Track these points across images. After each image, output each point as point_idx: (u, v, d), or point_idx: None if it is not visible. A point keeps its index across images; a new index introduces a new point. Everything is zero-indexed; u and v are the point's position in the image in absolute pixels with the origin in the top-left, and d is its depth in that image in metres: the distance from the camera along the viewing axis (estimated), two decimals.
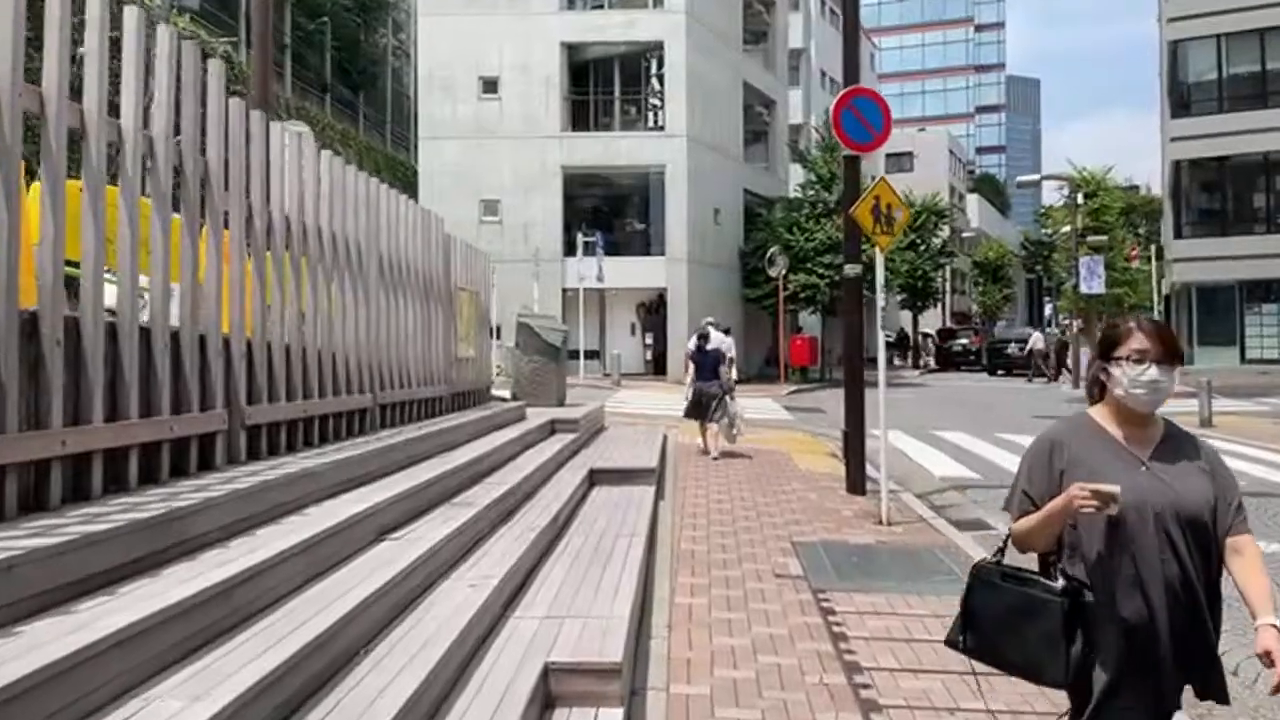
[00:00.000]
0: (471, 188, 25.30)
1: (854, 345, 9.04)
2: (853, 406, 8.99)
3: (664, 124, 25.47)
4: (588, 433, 10.72)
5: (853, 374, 8.96)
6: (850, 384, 8.99)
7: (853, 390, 8.97)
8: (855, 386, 8.97)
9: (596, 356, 25.54)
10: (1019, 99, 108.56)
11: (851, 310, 9.05)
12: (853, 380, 8.96)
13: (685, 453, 11.41)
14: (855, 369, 8.97)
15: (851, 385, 8.98)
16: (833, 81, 40.30)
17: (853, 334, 9.03)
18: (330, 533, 3.75)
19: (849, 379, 8.98)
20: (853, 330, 9.03)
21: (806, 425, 15.57)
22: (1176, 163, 28.12)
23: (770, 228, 27.84)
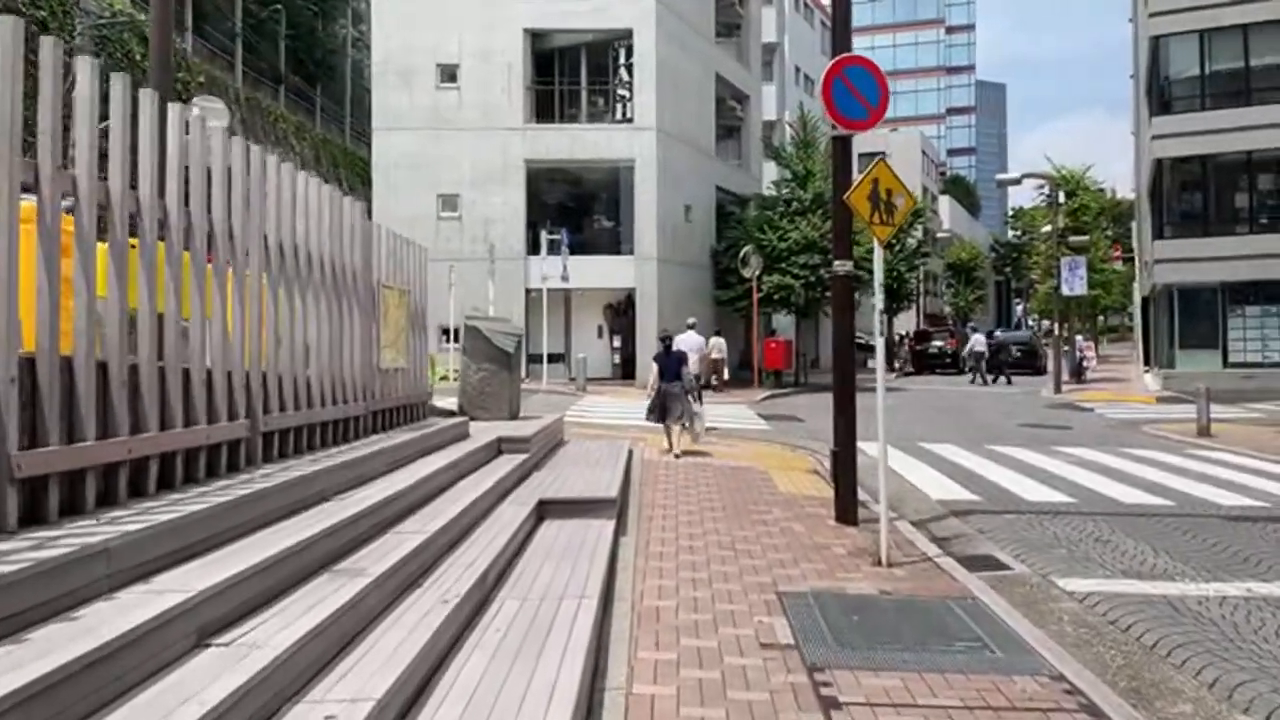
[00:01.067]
0: (429, 181, 23.95)
1: (845, 351, 7.88)
2: (843, 422, 7.83)
3: (633, 116, 24.29)
4: (542, 451, 9.48)
5: (844, 384, 7.80)
6: (841, 396, 7.83)
7: (843, 403, 7.81)
8: (846, 399, 7.81)
9: (561, 360, 24.29)
10: (986, 103, 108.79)
11: (842, 311, 7.89)
12: (843, 392, 7.80)
13: (652, 470, 10.21)
14: (846, 378, 7.81)
15: (842, 397, 7.82)
16: (807, 78, 39.40)
17: (844, 338, 7.88)
18: (114, 646, 2.49)
19: (839, 390, 7.82)
20: (844, 334, 7.87)
21: (784, 437, 14.44)
22: (1158, 161, 27.39)
23: (743, 226, 26.76)
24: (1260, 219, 26.48)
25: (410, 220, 23.68)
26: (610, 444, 11.37)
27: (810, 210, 25.52)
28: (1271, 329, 25.84)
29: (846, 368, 7.87)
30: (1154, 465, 11.57)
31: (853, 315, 7.99)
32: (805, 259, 24.69)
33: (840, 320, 7.91)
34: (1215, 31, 26.13)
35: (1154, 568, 6.74)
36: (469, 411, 10.43)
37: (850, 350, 7.95)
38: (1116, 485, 10.04)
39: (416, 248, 8.19)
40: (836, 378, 7.90)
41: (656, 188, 23.85)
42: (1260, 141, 25.36)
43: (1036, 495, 9.50)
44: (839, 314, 7.93)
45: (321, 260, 5.87)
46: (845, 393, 7.82)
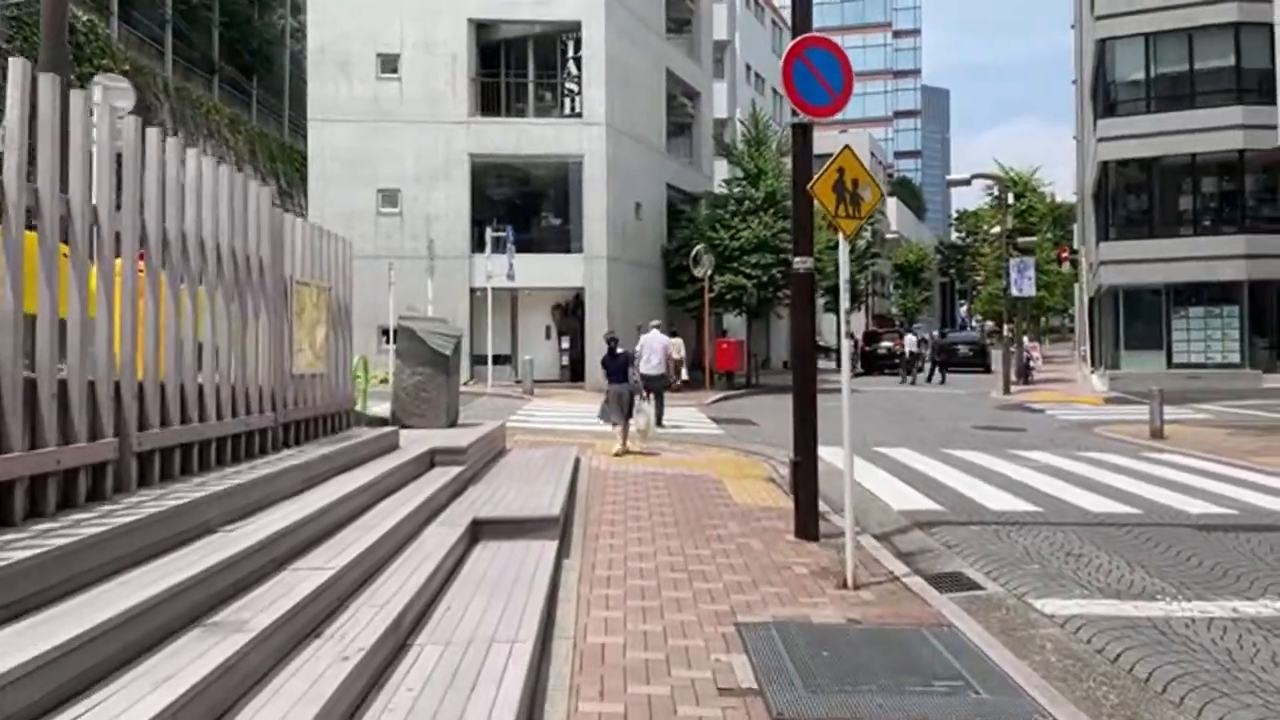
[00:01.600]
0: (368, 175, 23.00)
1: (805, 353, 7.36)
2: (804, 430, 7.31)
3: (582, 111, 23.62)
4: (481, 462, 8.80)
5: (804, 388, 7.28)
6: (801, 401, 7.30)
7: (804, 409, 7.29)
8: (806, 404, 7.29)
9: (507, 362, 23.54)
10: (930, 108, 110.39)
11: (802, 310, 7.37)
12: (804, 396, 7.28)
13: (601, 481, 9.59)
14: (807, 382, 7.29)
15: (802, 403, 7.30)
16: (758, 77, 39.14)
17: (804, 339, 7.36)
18: None
19: (800, 395, 7.30)
20: (804, 334, 7.36)
21: (738, 441, 13.93)
22: (1104, 164, 27.65)
23: (695, 225, 26.28)
24: (1203, 221, 26.86)
25: (348, 216, 22.77)
26: (556, 452, 10.73)
27: (762, 209, 25.15)
28: (1214, 330, 26.21)
29: (807, 370, 7.35)
30: (1114, 470, 11.31)
31: (814, 315, 7.49)
32: (757, 258, 24.29)
33: (800, 320, 7.39)
34: (1160, 35, 26.43)
35: (1132, 585, 6.33)
36: (402, 419, 9.70)
37: (811, 352, 7.45)
38: (1080, 492, 9.71)
39: (338, 240, 7.45)
40: (797, 381, 7.38)
41: (606, 184, 23.24)
42: (1204, 144, 25.71)
43: (1000, 504, 9.11)
44: (799, 314, 7.41)
45: (218, 251, 5.13)
46: (806, 397, 7.30)
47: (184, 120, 27.63)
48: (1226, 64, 25.74)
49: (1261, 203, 26.60)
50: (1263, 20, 25.00)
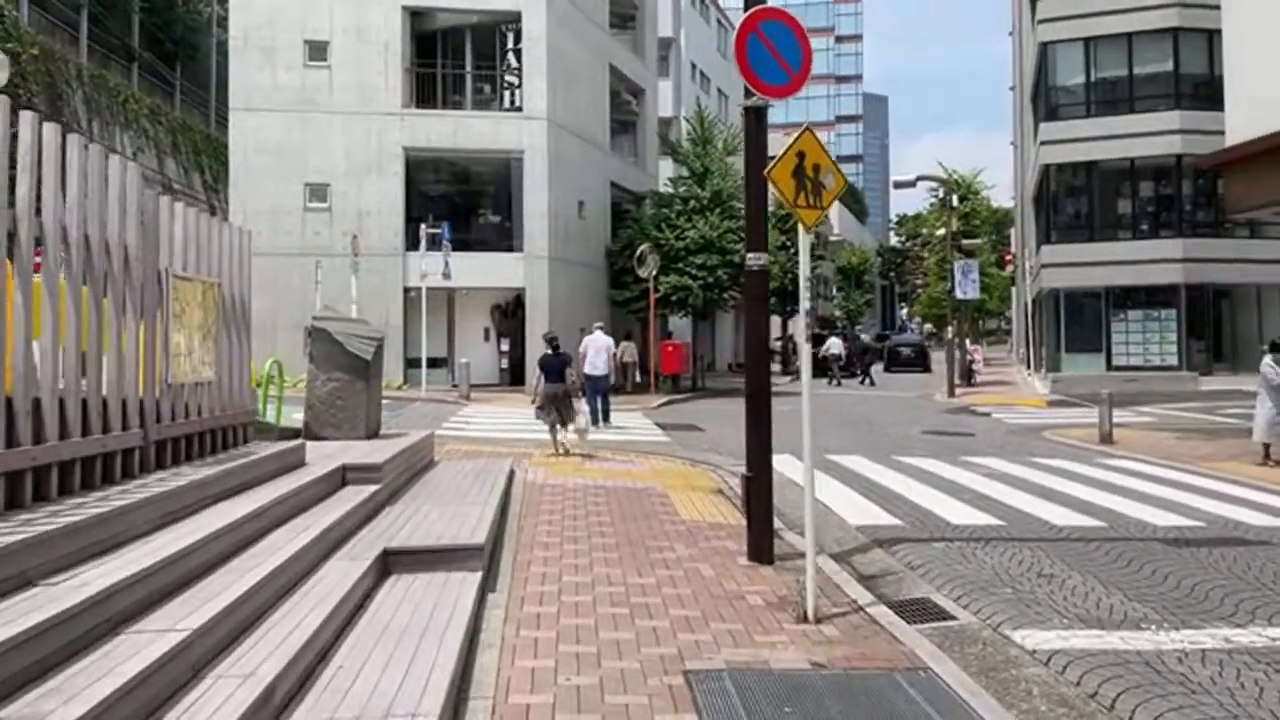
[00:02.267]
0: (295, 169, 21.82)
1: (759, 356, 6.72)
2: (757, 441, 6.67)
3: (522, 105, 22.77)
4: (401, 479, 7.97)
5: (757, 395, 6.63)
6: (754, 409, 6.66)
7: (757, 417, 6.64)
8: (760, 412, 6.65)
9: (443, 365, 22.56)
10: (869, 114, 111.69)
11: (757, 311, 6.73)
12: (757, 403, 6.63)
13: (536, 496, 8.83)
14: (761, 388, 6.64)
15: (755, 410, 6.65)
16: (703, 75, 38.68)
17: (757, 341, 6.71)
18: None
19: (753, 402, 6.65)
20: (758, 337, 6.71)
21: (685, 450, 13.28)
22: (1046, 167, 27.78)
23: (639, 225, 25.62)
24: (1141, 225, 27.14)
25: (274, 212, 21.60)
26: (489, 464, 9.93)
27: (708, 209, 24.61)
28: (1153, 333, 26.48)
29: (761, 376, 6.71)
30: (1070, 477, 10.94)
31: (768, 316, 6.86)
32: (703, 259, 23.74)
33: (754, 321, 6.74)
34: (1100, 40, 26.63)
35: (1113, 611, 5.81)
36: (316, 431, 8.82)
37: (766, 356, 6.81)
38: (1040, 503, 9.27)
39: (232, 230, 6.57)
40: (750, 387, 6.73)
41: (548, 181, 22.43)
42: (1142, 149, 25.96)
43: (961, 517, 8.60)
44: (753, 314, 6.76)
45: (65, 236, 4.26)
46: (759, 405, 6.65)
47: (99, 109, 26.02)
48: (1165, 69, 26.03)
49: (1198, 207, 26.98)
50: (1201, 26, 25.33)
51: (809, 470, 5.80)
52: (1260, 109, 13.89)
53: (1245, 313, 27.05)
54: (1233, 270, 25.98)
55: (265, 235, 21.72)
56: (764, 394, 6.66)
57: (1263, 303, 26.82)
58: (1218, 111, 26.36)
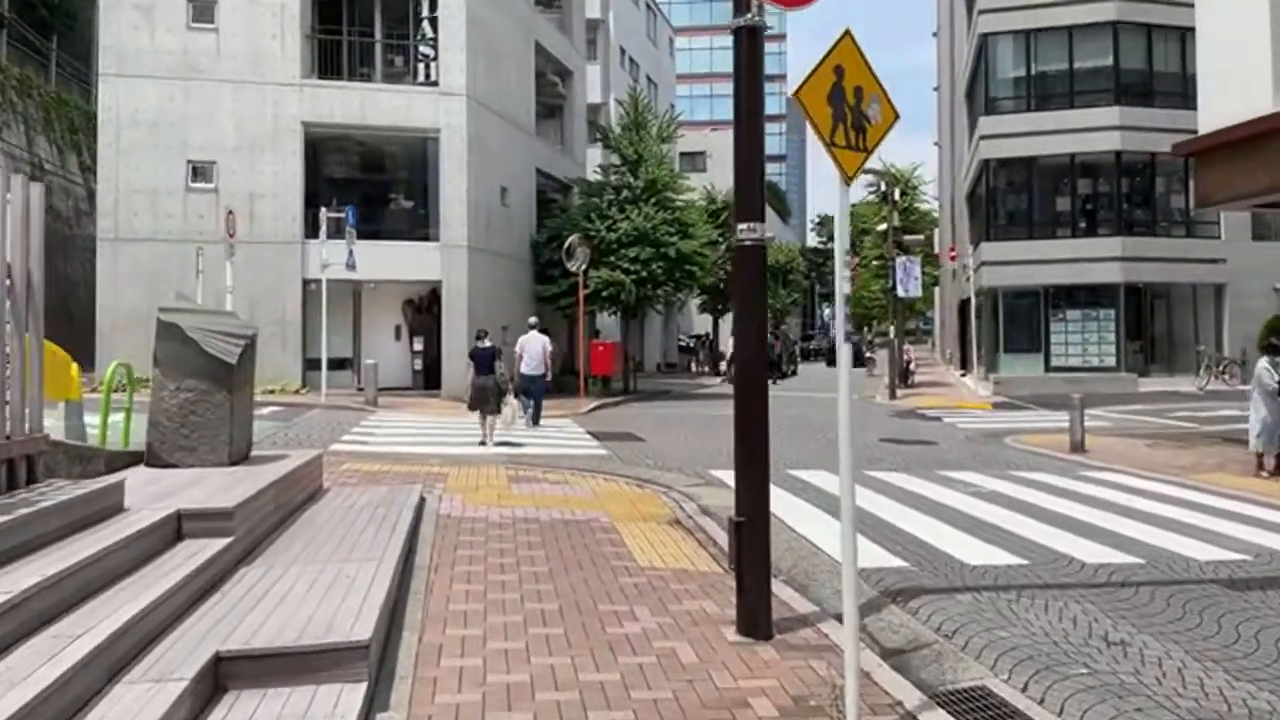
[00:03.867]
0: (176, 144, 19.27)
1: (756, 362, 5.04)
2: (749, 473, 4.98)
3: (439, 79, 20.66)
4: (267, 524, 6.02)
5: (750, 413, 4.95)
6: (747, 435, 4.97)
7: (751, 445, 4.96)
8: (754, 438, 4.96)
9: (347, 367, 20.30)
10: (789, 116, 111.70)
11: (750, 298, 5.04)
12: (750, 419, 4.95)
13: (453, 536, 6.96)
14: (755, 406, 4.96)
15: (748, 434, 4.97)
16: (633, 62, 37.03)
17: (754, 342, 5.03)
18: None
19: (745, 423, 4.96)
20: (754, 335, 5.03)
21: (626, 465, 11.54)
22: (985, 162, 27.06)
23: (567, 215, 23.79)
24: (1081, 223, 26.64)
25: (151, 193, 19.06)
26: (392, 491, 8.00)
27: (641, 199, 22.93)
28: (1091, 333, 25.99)
29: (756, 386, 5.02)
30: (1065, 496, 9.64)
31: (764, 305, 5.17)
32: (636, 252, 22.06)
33: (747, 313, 5.05)
34: (1041, 32, 26.00)
35: (1230, 703, 4.33)
36: (163, 455, 6.76)
37: (763, 360, 5.12)
38: (1055, 532, 7.86)
39: (7, 180, 4.52)
40: (741, 402, 5.03)
41: (467, 164, 20.39)
42: (1082, 144, 25.39)
43: (974, 554, 7.10)
44: (746, 305, 5.06)
45: None
46: (753, 426, 4.96)
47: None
48: (1105, 64, 25.51)
49: (1137, 205, 26.63)
50: (1140, 20, 24.91)
51: (849, 518, 4.11)
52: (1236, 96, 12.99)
53: (1181, 313, 26.83)
54: (1170, 270, 25.68)
55: (142, 219, 19.17)
56: (758, 411, 4.98)
57: (1198, 303, 26.64)
58: (1156, 108, 26.17)
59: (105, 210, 19.30)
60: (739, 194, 5.03)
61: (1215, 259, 25.91)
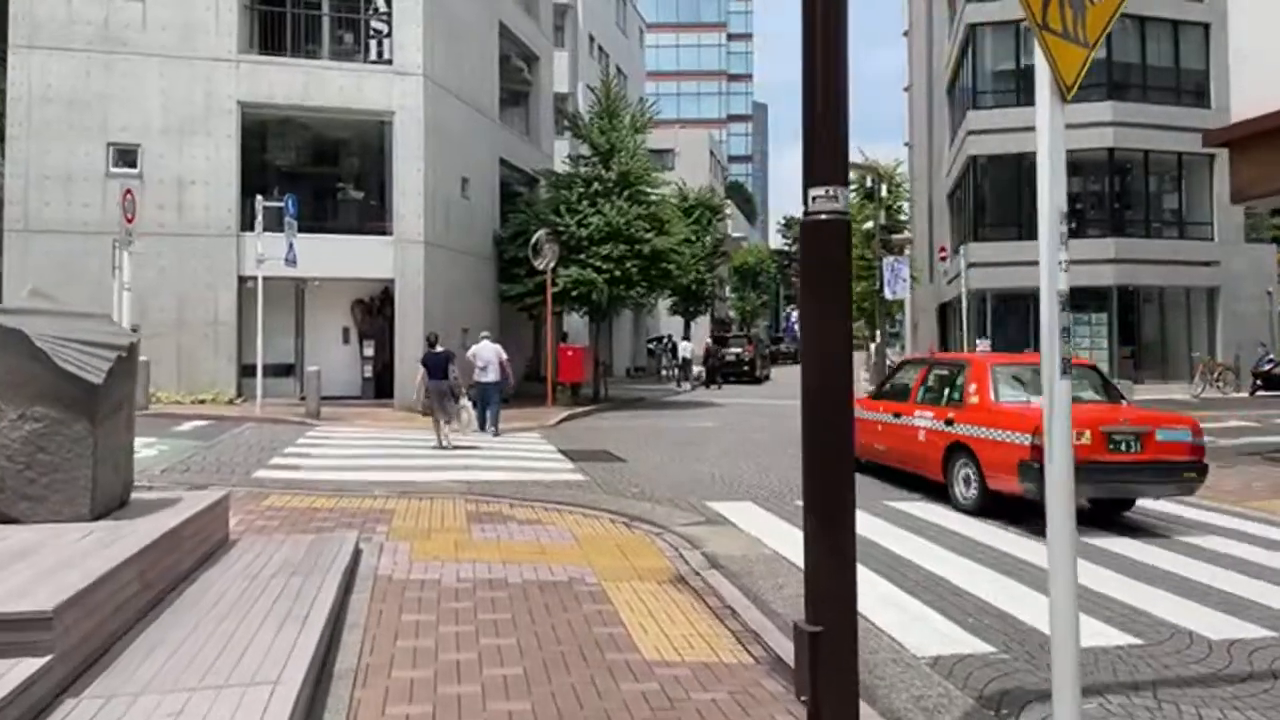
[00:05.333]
0: (95, 125, 17.22)
1: (838, 378, 3.43)
2: (828, 552, 3.36)
3: (393, 57, 18.81)
4: (118, 622, 4.26)
5: (825, 439, 3.34)
6: (822, 490, 3.35)
7: (827, 504, 3.35)
8: (830, 494, 3.35)
9: (290, 374, 18.37)
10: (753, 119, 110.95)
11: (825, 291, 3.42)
12: (827, 481, 3.34)
13: (394, 610, 5.26)
14: (838, 442, 3.35)
15: (824, 492, 3.35)
16: (602, 51, 35.37)
17: (835, 350, 3.41)
18: None
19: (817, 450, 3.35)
20: (835, 340, 3.41)
21: (607, 494, 9.87)
22: (972, 159, 25.85)
23: (533, 210, 22.05)
24: (1071, 223, 25.52)
25: (66, 179, 17.02)
26: (319, 542, 6.26)
27: (615, 192, 21.28)
28: (1083, 337, 24.88)
29: (837, 409, 3.41)
30: (1132, 534, 8.19)
31: (849, 300, 3.55)
32: (609, 249, 20.40)
33: (822, 308, 3.43)
34: None
35: None
36: (2, 509, 4.98)
37: (848, 374, 3.49)
38: (1148, 591, 6.38)
39: None
40: (812, 433, 3.41)
41: (424, 151, 18.57)
42: (1073, 141, 24.18)
43: None
44: (821, 298, 3.44)
45: None
46: (830, 478, 3.35)
47: None
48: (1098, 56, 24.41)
49: (1129, 205, 25.60)
50: (1133, 13, 23.85)
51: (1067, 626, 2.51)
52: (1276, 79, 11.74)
53: (1173, 318, 25.85)
54: (1163, 272, 24.67)
55: (55, 208, 17.08)
56: (838, 463, 3.36)
57: (1190, 307, 25.68)
58: (1149, 104, 25.17)
59: (14, 198, 17.17)
60: (812, 147, 3.41)
61: (1209, 261, 24.96)
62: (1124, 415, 8.74)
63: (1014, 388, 9.29)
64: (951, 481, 9.33)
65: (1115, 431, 8.29)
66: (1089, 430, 8.06)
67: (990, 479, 8.68)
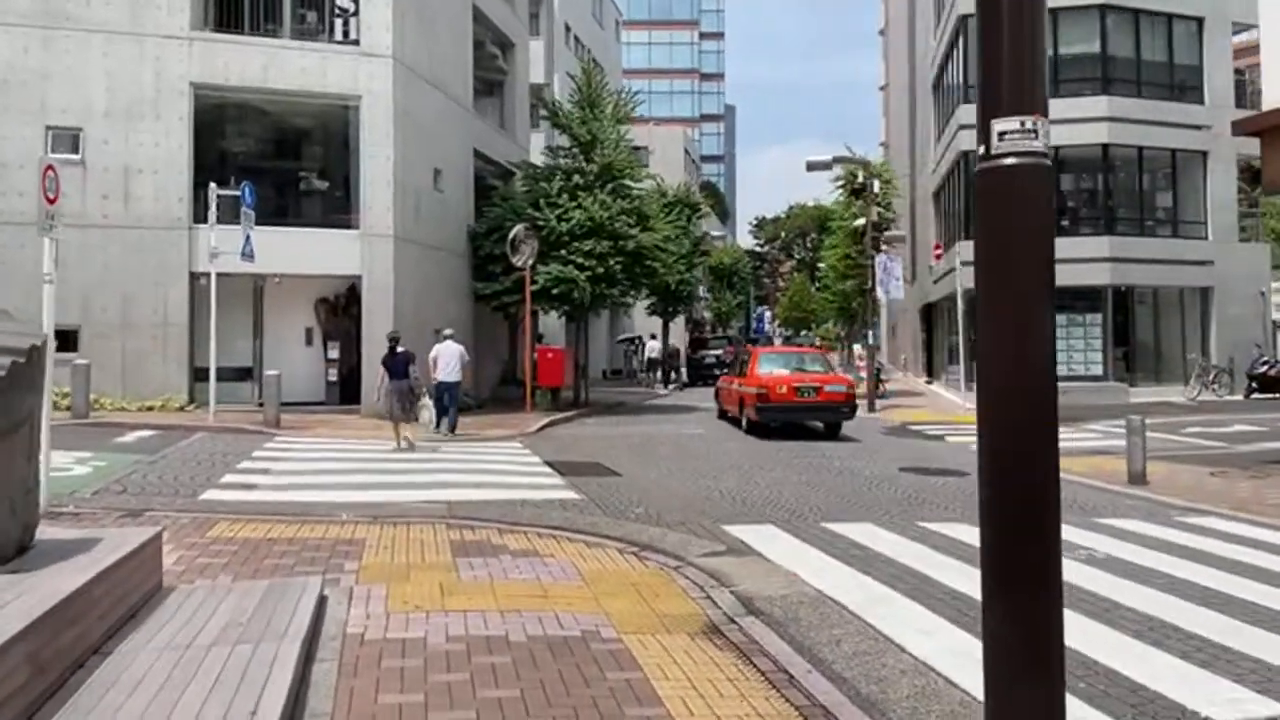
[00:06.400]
0: (32, 106, 15.76)
1: (1039, 376, 2.37)
2: (1022, 604, 2.28)
3: (359, 37, 17.53)
4: None
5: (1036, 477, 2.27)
6: (1013, 565, 2.28)
7: (1023, 539, 2.27)
8: (1026, 575, 2.27)
9: (247, 378, 17.01)
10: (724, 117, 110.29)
11: (1022, 258, 2.34)
12: (1023, 554, 2.26)
13: (367, 689, 4.10)
14: (1035, 488, 2.28)
15: (1016, 569, 2.28)
16: (578, 42, 34.23)
17: (1035, 342, 2.34)
18: None
19: (1013, 490, 2.28)
20: (1036, 347, 2.34)
21: (606, 515, 8.74)
22: (963, 154, 25.08)
23: (510, 204, 20.85)
24: (1062, 221, 24.86)
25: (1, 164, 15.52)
26: (274, 594, 5.07)
27: (596, 185, 20.16)
28: (1076, 340, 24.20)
29: (1042, 426, 2.35)
30: (1203, 561, 7.30)
31: (1052, 287, 2.49)
32: (592, 245, 19.27)
33: (1011, 295, 2.36)
34: None
35: None
36: None
37: (1051, 388, 2.44)
38: (1262, 637, 5.39)
39: None
40: (1001, 461, 2.35)
41: (394, 139, 17.31)
42: (1067, 136, 23.49)
43: (1197, 689, 4.55)
44: (1004, 280, 2.37)
45: None
46: (1026, 499, 2.29)
47: None
48: (1092, 50, 23.77)
49: (1124, 203, 24.99)
50: (1129, 5, 23.25)
51: None
52: None
53: (1167, 319, 25.29)
54: (1158, 272, 24.07)
55: None
56: (1045, 494, 2.30)
57: (1184, 308, 25.14)
58: (1145, 99, 24.57)
59: None
60: (996, 64, 2.34)
61: (1203, 261, 24.41)
62: (810, 379, 16.25)
63: (770, 364, 16.88)
64: (740, 415, 16.67)
65: (801, 386, 15.91)
66: (786, 385, 15.78)
67: (748, 412, 16.15)
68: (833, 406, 15.93)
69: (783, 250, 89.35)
